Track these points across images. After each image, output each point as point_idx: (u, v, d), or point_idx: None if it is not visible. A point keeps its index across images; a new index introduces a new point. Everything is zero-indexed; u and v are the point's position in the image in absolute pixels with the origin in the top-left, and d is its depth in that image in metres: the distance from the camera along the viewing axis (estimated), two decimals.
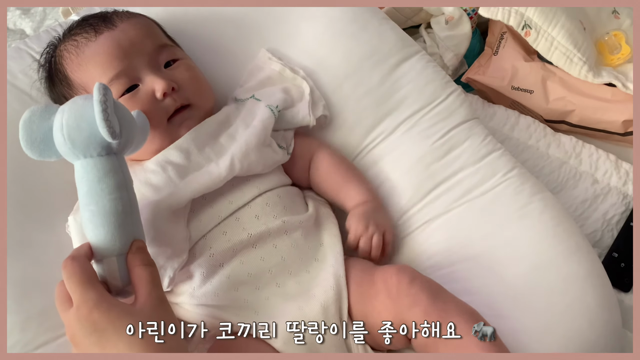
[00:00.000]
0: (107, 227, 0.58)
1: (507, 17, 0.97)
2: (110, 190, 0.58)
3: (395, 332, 0.64)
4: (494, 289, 0.71)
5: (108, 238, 0.57)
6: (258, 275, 0.69)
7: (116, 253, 0.58)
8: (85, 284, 0.54)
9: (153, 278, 0.57)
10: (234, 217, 0.70)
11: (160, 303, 0.55)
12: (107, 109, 0.56)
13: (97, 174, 0.58)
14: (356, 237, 0.73)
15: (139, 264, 0.57)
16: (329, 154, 0.80)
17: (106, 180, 0.58)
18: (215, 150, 0.73)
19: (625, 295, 0.83)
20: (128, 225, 0.58)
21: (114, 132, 0.56)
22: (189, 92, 0.74)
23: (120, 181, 0.59)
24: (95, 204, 0.58)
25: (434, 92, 0.84)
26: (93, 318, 0.53)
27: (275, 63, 0.84)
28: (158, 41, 0.76)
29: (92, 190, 0.58)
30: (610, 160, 0.94)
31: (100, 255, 0.58)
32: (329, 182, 0.79)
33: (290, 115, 0.80)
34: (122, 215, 0.58)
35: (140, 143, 0.67)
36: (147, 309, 0.54)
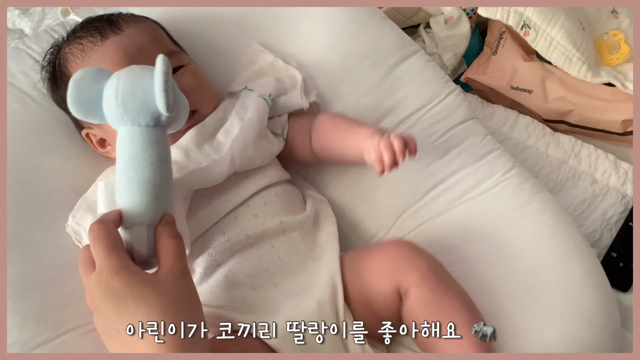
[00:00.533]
0: (143, 195, 0.57)
1: (506, 16, 0.97)
2: (153, 160, 0.58)
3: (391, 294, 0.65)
4: (493, 289, 0.71)
5: (143, 206, 0.57)
6: (255, 275, 0.69)
7: (147, 222, 0.58)
8: (109, 249, 0.54)
9: (179, 250, 0.56)
10: (232, 216, 0.70)
11: (181, 276, 0.54)
12: (167, 81, 0.56)
13: (142, 143, 0.58)
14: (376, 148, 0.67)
15: (167, 235, 0.57)
16: (326, 114, 0.80)
17: (150, 150, 0.58)
18: (214, 147, 0.73)
19: (624, 295, 0.83)
20: (162, 198, 0.58)
21: (169, 105, 0.56)
22: (195, 99, 0.74)
23: (163, 154, 0.59)
24: (135, 171, 0.58)
25: (433, 92, 0.84)
26: (114, 284, 0.52)
27: (267, 54, 0.84)
28: (165, 49, 0.76)
29: (135, 157, 0.58)
30: (609, 160, 0.94)
31: (131, 222, 0.58)
32: (334, 134, 0.76)
33: (282, 102, 0.79)
34: (160, 187, 0.58)
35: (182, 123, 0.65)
36: (168, 280, 0.53)
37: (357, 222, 0.81)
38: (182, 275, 0.55)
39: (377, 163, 0.67)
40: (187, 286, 0.55)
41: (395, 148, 0.66)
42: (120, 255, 0.54)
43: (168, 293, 0.53)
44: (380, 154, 0.66)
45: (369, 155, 0.68)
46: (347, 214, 0.81)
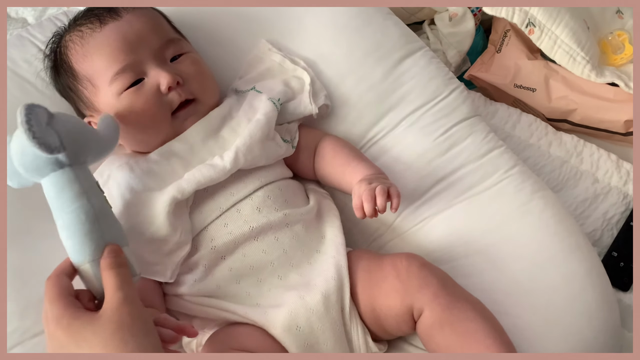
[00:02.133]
0: (74, 238, 0.59)
1: (511, 14, 0.97)
2: (69, 202, 0.59)
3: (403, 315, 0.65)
4: (494, 286, 0.71)
5: (77, 248, 0.58)
6: (260, 267, 0.69)
7: (88, 260, 0.58)
8: (51, 300, 0.55)
9: (117, 281, 0.56)
10: (235, 209, 0.70)
11: (121, 306, 0.54)
12: (31, 128, 0.56)
13: (54, 190, 0.60)
14: (360, 195, 0.69)
15: (105, 268, 0.57)
16: (333, 139, 0.80)
17: (63, 195, 0.59)
18: (219, 143, 0.73)
19: (624, 294, 0.84)
20: (95, 231, 0.59)
21: (49, 146, 0.56)
22: (194, 87, 0.74)
23: (78, 191, 0.59)
24: (60, 218, 0.59)
25: (437, 89, 0.84)
26: (57, 334, 0.54)
27: (275, 54, 0.84)
28: (165, 35, 0.75)
29: (54, 206, 0.60)
30: (612, 160, 0.94)
31: (76, 264, 0.59)
32: (334, 164, 0.77)
33: (292, 107, 0.80)
34: (87, 223, 0.58)
35: (106, 146, 0.67)
36: (107, 314, 0.54)
37: (359, 218, 0.81)
38: (122, 305, 0.55)
39: (357, 209, 0.69)
40: (129, 314, 0.54)
41: (378, 203, 0.67)
42: (61, 304, 0.55)
43: (107, 329, 0.53)
44: (361, 202, 0.68)
45: (353, 200, 0.70)
46: (349, 209, 0.81)
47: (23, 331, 0.66)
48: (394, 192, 0.68)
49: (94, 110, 0.75)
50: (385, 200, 0.67)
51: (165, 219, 0.66)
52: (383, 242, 0.80)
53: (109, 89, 0.72)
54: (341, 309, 0.66)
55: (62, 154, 0.58)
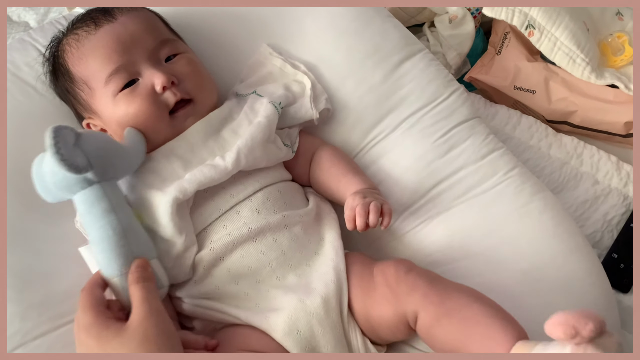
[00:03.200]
0: (103, 252, 0.62)
1: (511, 16, 0.97)
2: (98, 218, 0.62)
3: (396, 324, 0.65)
4: (493, 287, 0.70)
5: (105, 262, 0.62)
6: (258, 268, 0.69)
7: (117, 274, 0.61)
8: (84, 309, 0.58)
9: (144, 293, 0.59)
10: (234, 211, 0.71)
11: (146, 319, 0.57)
12: (59, 150, 0.59)
13: (84, 207, 0.63)
14: (352, 208, 0.69)
15: (132, 282, 0.60)
16: (331, 149, 0.81)
17: (93, 211, 0.62)
18: (219, 144, 0.74)
19: (624, 296, 0.83)
20: (123, 246, 0.61)
21: (76, 166, 0.60)
22: (190, 86, 0.74)
23: (106, 207, 0.62)
24: (91, 233, 0.63)
25: (436, 91, 0.84)
26: (88, 343, 0.57)
27: (276, 58, 0.84)
28: (159, 36, 0.76)
29: (85, 221, 0.63)
30: (612, 161, 0.94)
31: (106, 278, 0.62)
32: (329, 175, 0.78)
33: (293, 111, 0.80)
34: (114, 238, 0.61)
35: (133, 161, 0.69)
36: (133, 326, 0.57)
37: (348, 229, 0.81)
38: (147, 317, 0.57)
39: (349, 221, 0.70)
40: (154, 326, 0.57)
41: (370, 219, 0.68)
42: (93, 313, 0.58)
43: (134, 341, 0.56)
44: (354, 215, 0.69)
45: (345, 211, 0.71)
46: None
47: (24, 333, 0.66)
48: (386, 210, 0.69)
49: (91, 112, 0.76)
50: (377, 217, 0.68)
51: (169, 220, 0.67)
52: (382, 244, 0.80)
53: (104, 90, 0.72)
54: (340, 312, 0.67)
55: (90, 173, 0.61)
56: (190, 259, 0.68)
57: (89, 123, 0.77)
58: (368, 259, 0.72)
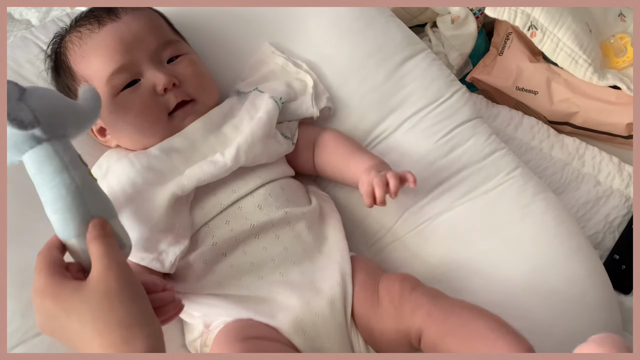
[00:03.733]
0: (57, 213, 0.57)
1: (513, 17, 0.97)
2: (50, 178, 0.58)
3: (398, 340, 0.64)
4: (495, 288, 0.71)
5: (61, 224, 0.57)
6: (261, 264, 0.69)
7: (73, 235, 0.57)
8: (39, 271, 0.55)
9: (103, 248, 0.55)
10: (236, 206, 0.71)
11: (106, 273, 0.54)
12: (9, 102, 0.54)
13: (34, 167, 0.58)
14: (370, 183, 0.69)
15: (90, 241, 0.56)
16: (333, 132, 0.81)
17: (43, 169, 0.58)
18: (220, 140, 0.74)
19: (625, 297, 0.83)
20: (79, 206, 0.57)
21: (21, 122, 0.55)
22: (191, 88, 0.74)
23: (58, 166, 0.58)
24: (43, 194, 0.58)
25: (439, 90, 0.84)
26: (45, 305, 0.54)
27: (278, 57, 0.84)
28: (162, 37, 0.76)
29: (37, 182, 0.59)
30: (613, 162, 0.94)
31: (63, 241, 0.58)
32: (336, 156, 0.77)
33: (293, 108, 0.80)
34: (69, 198, 0.57)
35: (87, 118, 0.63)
36: (93, 282, 0.54)
37: (360, 219, 0.81)
38: (107, 270, 0.54)
39: (368, 197, 0.69)
40: (115, 279, 0.54)
41: (391, 186, 0.67)
42: (47, 275, 0.54)
43: (94, 296, 0.53)
44: (372, 188, 0.68)
45: (362, 187, 0.70)
46: (350, 212, 0.81)
47: (25, 330, 0.66)
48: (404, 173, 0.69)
49: None
50: (397, 183, 0.67)
51: (164, 215, 0.66)
52: (383, 244, 0.80)
53: (105, 89, 0.72)
54: (344, 315, 0.67)
55: (37, 129, 0.57)
56: (177, 253, 0.67)
57: None
58: (373, 268, 0.72)
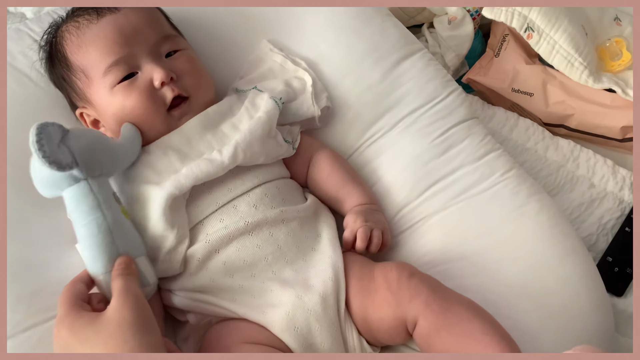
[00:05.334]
0: (88, 250, 0.61)
1: (510, 19, 0.98)
2: (85, 215, 0.62)
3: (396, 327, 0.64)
4: (488, 288, 0.71)
5: (91, 260, 0.61)
6: (254, 262, 0.69)
7: (101, 272, 0.60)
8: (61, 303, 0.58)
9: (124, 284, 0.58)
10: (231, 205, 0.70)
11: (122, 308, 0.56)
12: (42, 147, 0.59)
13: (71, 204, 0.63)
14: (353, 231, 0.71)
15: (114, 278, 0.59)
16: (331, 154, 0.80)
17: (79, 207, 0.62)
18: (218, 138, 0.73)
19: (618, 299, 0.83)
20: (108, 244, 0.61)
21: (59, 163, 0.60)
22: (188, 83, 0.74)
23: (92, 204, 0.62)
24: (77, 230, 0.62)
25: (435, 90, 0.84)
26: (61, 335, 0.56)
27: (276, 55, 0.84)
28: (161, 32, 0.75)
29: (73, 218, 0.63)
30: (608, 165, 0.94)
31: (92, 276, 0.61)
32: (330, 180, 0.78)
33: (294, 108, 0.80)
34: (100, 235, 0.61)
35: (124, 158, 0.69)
36: (110, 312, 0.55)
37: None
38: (124, 303, 0.56)
39: (347, 243, 0.72)
40: (130, 311, 0.55)
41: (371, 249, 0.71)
42: (68, 305, 0.57)
43: (108, 327, 0.54)
44: (353, 238, 0.71)
45: (345, 231, 0.72)
46: None
47: (14, 325, 0.65)
48: (386, 240, 0.73)
49: (86, 102, 0.75)
50: (377, 247, 0.71)
51: (162, 215, 0.66)
52: None
53: (102, 80, 0.72)
54: (337, 310, 0.66)
55: (75, 170, 0.61)
56: (182, 253, 0.68)
57: (82, 113, 0.77)
58: (367, 261, 0.72)
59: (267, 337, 0.64)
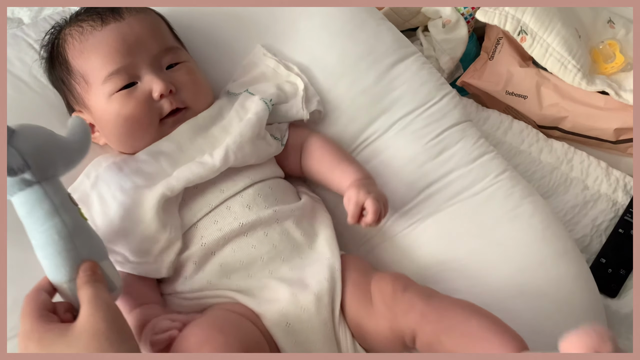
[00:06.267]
0: (48, 258, 0.57)
1: (504, 22, 0.98)
2: (41, 222, 0.57)
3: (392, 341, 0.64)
4: (482, 289, 0.71)
5: (52, 268, 0.57)
6: (250, 263, 0.69)
7: (65, 280, 0.57)
8: (24, 315, 0.54)
9: (93, 292, 0.55)
10: (225, 206, 0.71)
11: (93, 317, 0.53)
12: None
13: (24, 210, 0.57)
14: (358, 203, 0.70)
15: (80, 286, 0.56)
16: (322, 138, 0.81)
17: (34, 214, 0.57)
18: (208, 141, 0.74)
19: (611, 301, 0.84)
20: (70, 250, 0.57)
21: (11, 169, 0.54)
22: (187, 96, 0.75)
23: (48, 210, 0.57)
24: (34, 238, 0.57)
25: (429, 94, 0.85)
26: (29, 349, 0.52)
27: (269, 59, 0.85)
28: (164, 43, 0.76)
29: (26, 225, 0.58)
30: (601, 167, 0.95)
31: (54, 284, 0.57)
32: (322, 162, 0.78)
33: (284, 110, 0.80)
34: (60, 242, 0.56)
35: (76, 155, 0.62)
36: (79, 326, 0.52)
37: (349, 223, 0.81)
38: (95, 312, 0.53)
39: (353, 218, 0.71)
40: (103, 320, 0.53)
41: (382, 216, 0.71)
42: (33, 318, 0.53)
43: (81, 340, 0.51)
44: (360, 210, 0.70)
45: (348, 205, 0.71)
46: (340, 213, 0.81)
47: (10, 328, 0.66)
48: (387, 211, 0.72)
49: (83, 106, 0.75)
50: (386, 213, 0.71)
51: (154, 216, 0.66)
52: (373, 245, 0.80)
53: (101, 88, 0.72)
54: (332, 311, 0.66)
55: (27, 173, 0.56)
56: (171, 256, 0.68)
57: None
58: (365, 267, 0.72)
59: (256, 322, 0.64)
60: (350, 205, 0.71)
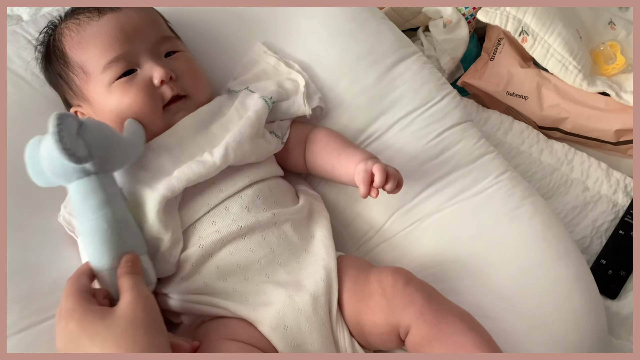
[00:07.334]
0: (94, 245, 0.60)
1: (505, 22, 0.98)
2: (93, 209, 0.61)
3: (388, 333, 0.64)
4: (482, 290, 0.71)
5: (96, 255, 0.60)
6: (247, 266, 0.69)
7: (106, 268, 0.60)
8: (67, 295, 0.57)
9: (133, 282, 0.58)
10: (223, 206, 0.70)
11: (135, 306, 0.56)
12: (62, 139, 0.57)
13: (79, 196, 0.61)
14: (368, 170, 0.69)
15: (121, 276, 0.59)
16: (324, 129, 0.81)
17: (87, 202, 0.61)
18: (208, 139, 0.73)
19: (611, 302, 0.84)
20: (115, 241, 0.61)
21: (78, 157, 0.58)
22: (186, 83, 0.74)
23: (102, 199, 0.61)
24: (82, 224, 0.61)
25: (429, 93, 0.85)
26: (69, 328, 0.54)
27: (270, 57, 0.84)
28: (161, 32, 0.76)
29: (79, 211, 0.62)
30: (602, 168, 0.95)
31: (94, 270, 0.61)
32: (328, 150, 0.77)
33: (285, 107, 0.80)
34: (108, 231, 0.60)
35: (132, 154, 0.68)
36: (120, 312, 0.55)
37: (349, 221, 0.81)
38: (136, 300, 0.56)
39: (365, 184, 0.69)
40: (142, 310, 0.56)
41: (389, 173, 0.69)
42: (75, 298, 0.56)
43: (120, 324, 0.54)
44: (371, 176, 0.69)
45: (359, 176, 0.70)
46: (339, 212, 0.81)
47: (8, 326, 0.65)
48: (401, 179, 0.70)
49: (82, 99, 0.75)
50: (396, 183, 0.69)
51: (156, 217, 0.66)
52: (372, 245, 0.80)
53: (100, 76, 0.72)
54: (329, 311, 0.66)
55: (89, 163, 0.60)
56: (176, 256, 0.68)
57: (77, 111, 0.76)
58: (364, 264, 0.71)
59: (252, 336, 0.64)
60: (360, 174, 0.70)
